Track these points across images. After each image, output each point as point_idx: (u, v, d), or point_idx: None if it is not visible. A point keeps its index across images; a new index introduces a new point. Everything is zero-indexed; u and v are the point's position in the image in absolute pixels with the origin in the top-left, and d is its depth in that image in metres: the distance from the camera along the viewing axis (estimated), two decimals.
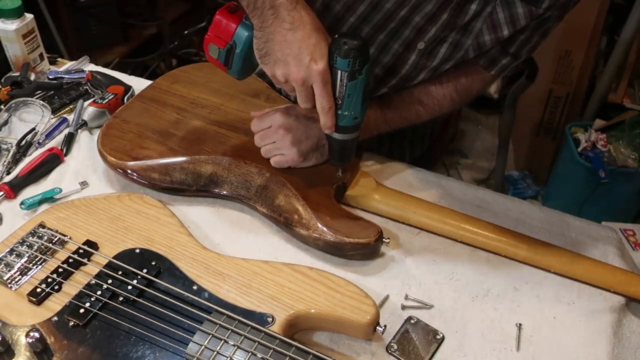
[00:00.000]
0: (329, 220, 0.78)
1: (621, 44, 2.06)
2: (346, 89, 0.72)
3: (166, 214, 0.79)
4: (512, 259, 0.81)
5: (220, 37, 0.77)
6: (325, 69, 0.70)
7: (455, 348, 0.70)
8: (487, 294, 0.77)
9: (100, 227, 0.78)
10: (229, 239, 0.82)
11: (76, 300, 0.68)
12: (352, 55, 0.69)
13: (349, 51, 0.69)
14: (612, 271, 0.78)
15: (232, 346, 0.63)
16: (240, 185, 0.85)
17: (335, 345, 0.70)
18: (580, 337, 0.72)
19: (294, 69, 0.71)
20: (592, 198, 2.04)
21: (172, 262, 0.72)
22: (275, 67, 0.73)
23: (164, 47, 2.62)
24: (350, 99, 0.73)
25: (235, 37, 0.76)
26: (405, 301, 0.75)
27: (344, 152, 0.80)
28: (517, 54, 0.87)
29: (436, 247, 0.83)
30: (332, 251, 0.79)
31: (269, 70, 0.74)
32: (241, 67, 0.79)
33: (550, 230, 0.86)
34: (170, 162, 0.86)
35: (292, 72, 0.71)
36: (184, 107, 0.96)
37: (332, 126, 0.75)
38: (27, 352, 0.63)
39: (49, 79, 1.10)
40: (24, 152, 0.95)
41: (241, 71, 0.80)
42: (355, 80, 0.71)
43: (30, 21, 1.10)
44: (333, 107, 0.74)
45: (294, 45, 0.70)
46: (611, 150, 2.00)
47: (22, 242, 0.75)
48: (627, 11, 2.01)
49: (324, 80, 0.71)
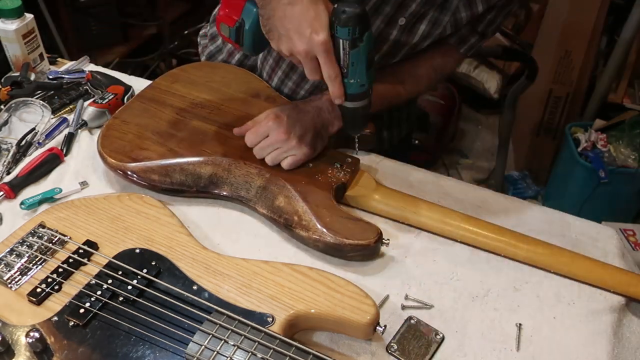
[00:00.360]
0: (328, 221, 0.78)
1: (621, 44, 2.06)
2: (349, 57, 0.73)
3: (166, 214, 0.79)
4: (512, 259, 0.81)
5: (229, 15, 0.79)
6: (326, 39, 0.72)
7: (455, 348, 0.70)
8: (487, 294, 0.77)
9: (100, 227, 0.78)
10: (229, 239, 0.82)
11: (76, 300, 0.68)
12: (351, 23, 0.70)
13: (347, 19, 0.70)
14: (612, 271, 0.78)
15: (232, 346, 0.63)
16: (240, 186, 0.85)
17: (335, 345, 0.70)
18: (580, 337, 0.72)
19: (297, 42, 0.73)
20: (592, 198, 2.04)
21: (172, 262, 0.72)
22: (280, 43, 0.75)
23: (164, 47, 2.63)
24: (354, 67, 0.74)
25: (243, 14, 0.78)
26: (405, 301, 0.75)
27: (356, 120, 0.81)
28: (484, 33, 0.93)
29: (436, 247, 0.83)
30: (332, 252, 0.79)
31: (275, 45, 0.76)
32: (252, 43, 0.81)
33: (550, 230, 0.86)
34: (170, 164, 0.86)
35: (295, 46, 0.73)
36: (184, 107, 0.96)
37: (342, 95, 0.77)
38: (27, 352, 0.63)
39: (49, 79, 1.10)
40: (24, 152, 0.95)
41: (252, 47, 0.82)
42: (357, 47, 0.72)
43: (30, 21, 1.10)
44: (339, 76, 0.75)
45: (294, 19, 0.72)
46: (611, 150, 2.00)
47: (22, 242, 0.75)
48: (627, 11, 2.01)
49: (326, 50, 0.72)
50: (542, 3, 2.47)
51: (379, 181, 0.89)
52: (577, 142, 2.06)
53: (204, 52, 1.14)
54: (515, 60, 2.43)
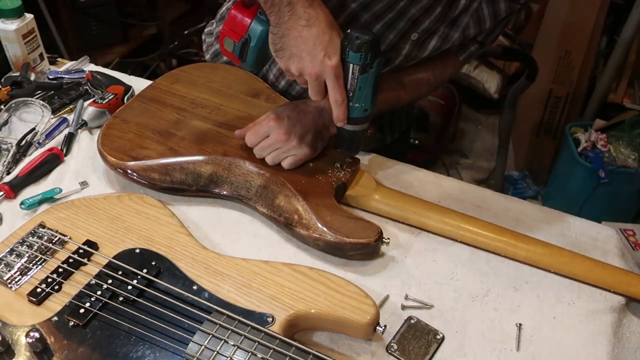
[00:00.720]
0: (329, 220, 0.78)
1: (621, 44, 2.06)
2: (358, 82, 0.75)
3: (166, 214, 0.79)
4: (512, 259, 0.81)
5: (235, 31, 0.80)
6: (338, 64, 0.73)
7: (455, 348, 0.70)
8: (487, 294, 0.77)
9: (100, 227, 0.78)
10: (229, 239, 0.82)
11: (76, 300, 0.68)
12: (364, 49, 0.72)
13: (361, 45, 0.72)
14: (612, 271, 0.78)
15: (232, 346, 0.63)
16: (240, 185, 0.85)
17: (335, 345, 0.70)
18: (580, 337, 0.72)
19: (309, 64, 0.74)
20: (592, 198, 2.04)
21: (172, 262, 0.72)
22: (290, 62, 0.76)
23: (164, 47, 2.62)
24: (361, 92, 0.76)
25: (250, 31, 0.79)
26: (405, 301, 0.75)
27: (353, 142, 0.83)
28: (483, 42, 0.95)
29: (436, 247, 0.83)
30: (332, 251, 0.79)
31: (284, 64, 0.77)
32: (255, 60, 0.82)
33: (550, 230, 0.86)
34: (170, 162, 0.86)
35: (307, 67, 0.74)
36: (184, 107, 0.96)
37: (345, 119, 0.78)
38: (27, 352, 0.63)
39: (49, 79, 1.10)
40: (24, 152, 0.95)
41: (255, 64, 0.83)
42: (367, 73, 0.74)
43: (30, 21, 1.10)
44: (346, 100, 0.76)
45: (309, 41, 0.73)
46: (611, 150, 2.00)
47: (22, 242, 0.75)
48: (627, 11, 2.01)
49: (337, 74, 0.74)
50: (542, 3, 2.47)
51: (379, 181, 0.90)
52: (577, 142, 2.06)
53: (209, 51, 1.14)
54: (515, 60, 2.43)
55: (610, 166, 1.98)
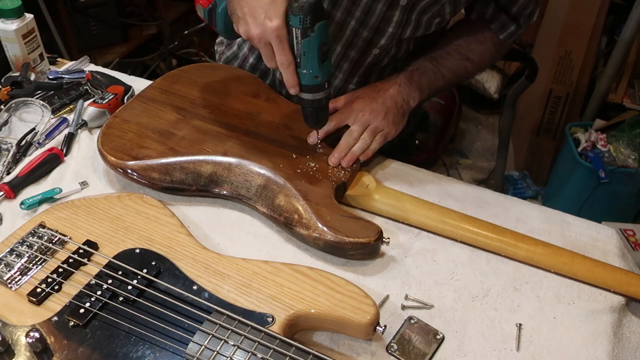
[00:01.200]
0: (329, 219, 0.78)
1: (621, 44, 2.06)
2: (301, 47, 0.74)
3: (166, 214, 0.79)
4: (512, 259, 0.81)
5: None
6: (278, 26, 0.72)
7: (455, 348, 0.70)
8: (487, 294, 0.77)
9: (100, 227, 0.78)
10: (229, 239, 0.82)
11: (76, 300, 0.68)
12: (302, 12, 0.71)
13: (299, 8, 0.71)
14: (612, 271, 0.78)
15: (232, 346, 0.63)
16: (240, 185, 0.85)
17: (335, 345, 0.70)
18: (580, 337, 0.72)
19: (252, 26, 0.74)
20: (592, 198, 2.04)
21: (172, 262, 0.72)
22: (238, 25, 0.77)
23: (164, 47, 2.63)
24: (306, 57, 0.74)
25: None
26: (405, 301, 0.75)
27: (314, 113, 0.82)
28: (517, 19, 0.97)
29: (436, 247, 0.83)
30: (332, 251, 0.79)
31: (235, 28, 0.78)
32: (224, 26, 0.83)
33: (550, 230, 0.86)
34: (170, 162, 0.86)
35: (250, 29, 0.74)
36: (184, 106, 0.96)
37: (295, 84, 0.77)
38: (27, 352, 0.63)
39: (49, 79, 1.10)
40: (24, 152, 0.95)
41: (225, 30, 0.84)
42: (308, 37, 0.73)
43: (30, 21, 1.10)
44: (292, 64, 0.75)
45: (250, 3, 0.74)
46: (611, 150, 2.00)
47: (22, 242, 0.75)
48: (627, 11, 2.01)
49: (279, 37, 0.73)
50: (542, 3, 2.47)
51: (379, 181, 0.90)
52: (577, 142, 2.06)
53: (221, 59, 1.15)
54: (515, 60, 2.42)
55: (610, 166, 1.98)
